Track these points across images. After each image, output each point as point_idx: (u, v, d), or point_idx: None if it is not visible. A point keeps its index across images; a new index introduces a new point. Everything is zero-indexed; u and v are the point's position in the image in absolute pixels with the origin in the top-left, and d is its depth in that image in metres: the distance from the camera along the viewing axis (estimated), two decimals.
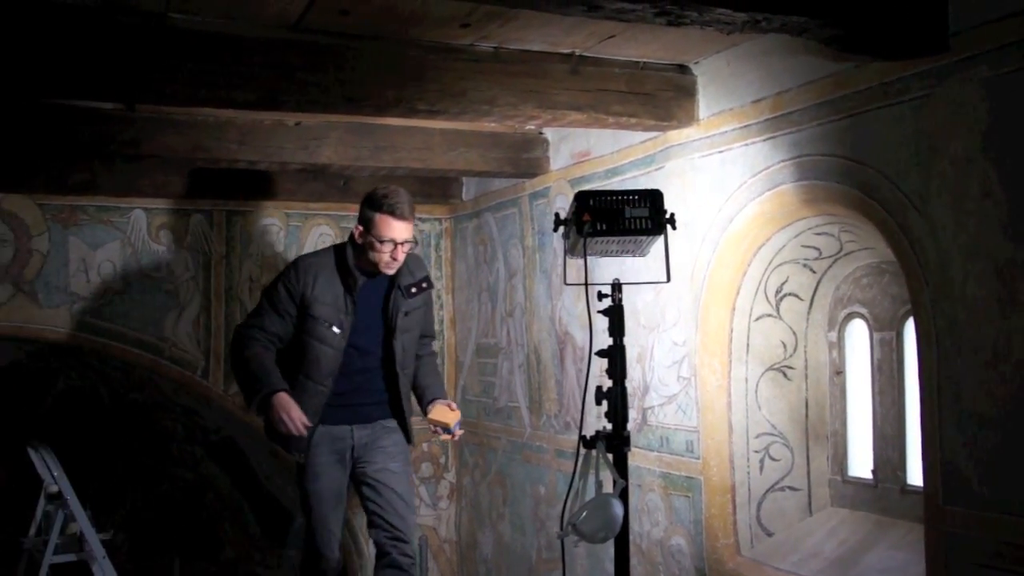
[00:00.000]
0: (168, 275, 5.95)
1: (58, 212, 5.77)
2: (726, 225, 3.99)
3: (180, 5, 3.29)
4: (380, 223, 4.26)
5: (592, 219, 3.21)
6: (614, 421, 3.28)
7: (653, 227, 3.24)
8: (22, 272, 5.71)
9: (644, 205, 3.23)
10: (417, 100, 3.65)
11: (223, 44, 3.40)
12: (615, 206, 3.23)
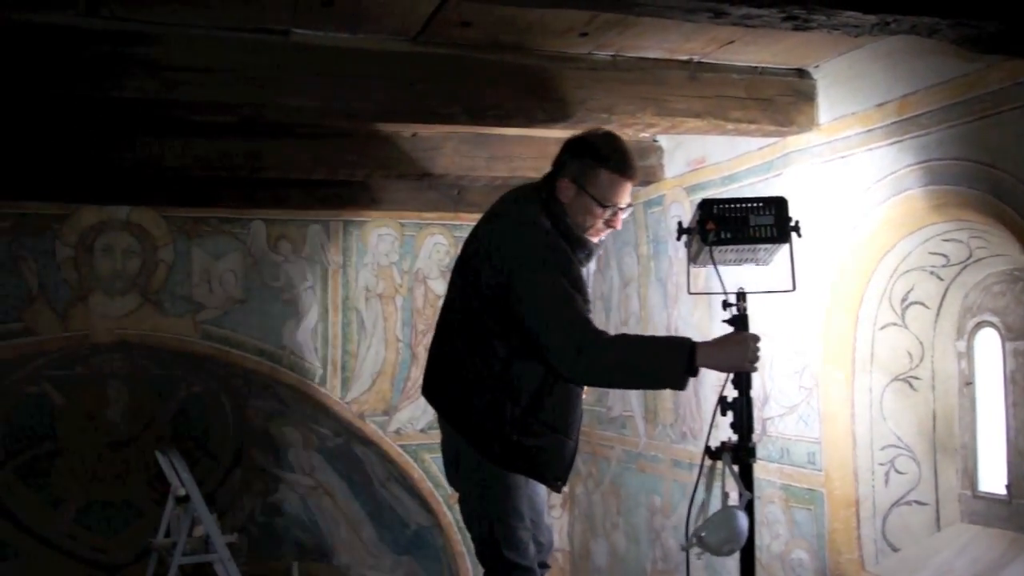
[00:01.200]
0: (287, 285, 6.10)
1: (182, 224, 5.97)
2: (849, 232, 3.91)
3: (304, 21, 3.36)
4: (607, 183, 3.38)
5: (716, 228, 3.10)
6: (739, 432, 3.11)
7: (778, 235, 3.10)
8: (149, 282, 5.92)
9: (769, 213, 3.10)
10: (537, 110, 3.66)
11: (346, 58, 3.46)
12: (739, 214, 3.10)
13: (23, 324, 5.74)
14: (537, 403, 3.35)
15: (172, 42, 3.30)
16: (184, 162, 4.57)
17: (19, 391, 6.82)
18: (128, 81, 3.26)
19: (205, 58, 3.33)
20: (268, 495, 7.60)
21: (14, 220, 5.77)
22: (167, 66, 3.29)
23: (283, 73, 3.39)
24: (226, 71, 3.34)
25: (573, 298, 3.22)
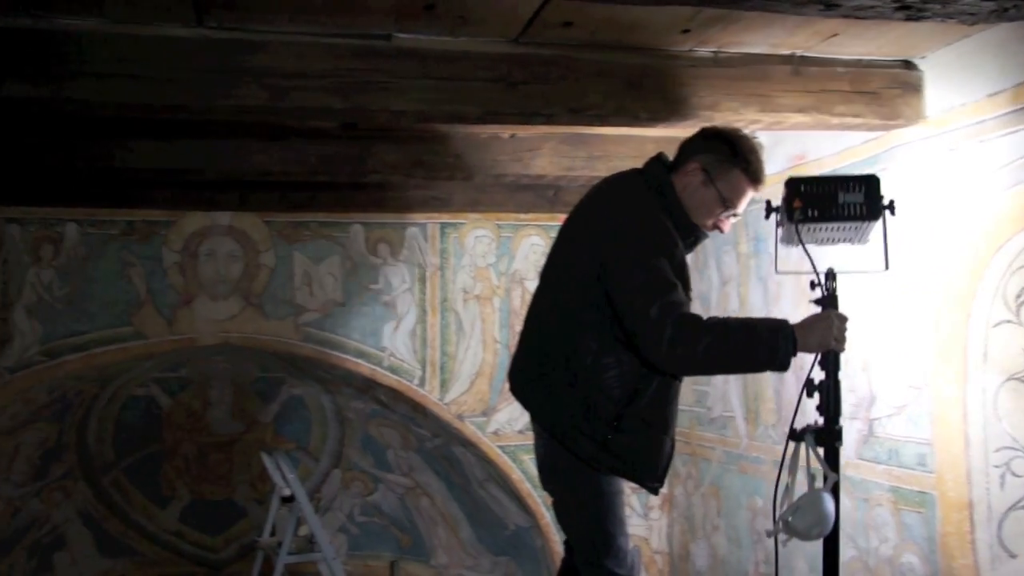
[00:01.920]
0: (385, 287, 6.18)
1: (282, 228, 6.09)
2: (961, 226, 3.80)
3: (406, 25, 3.39)
4: (737, 183, 3.32)
5: (803, 205, 3.04)
6: (826, 414, 3.02)
7: (869, 213, 3.01)
8: (251, 286, 6.05)
9: (859, 190, 3.02)
10: (639, 108, 3.64)
11: (448, 61, 3.47)
12: (828, 191, 3.03)
13: (133, 328, 5.92)
14: (632, 399, 3.17)
15: (279, 50, 3.36)
16: (287, 168, 4.65)
17: (128, 393, 7.01)
18: (238, 90, 3.32)
19: (311, 65, 3.37)
20: (367, 495, 7.69)
21: (123, 227, 5.96)
22: (275, 74, 3.34)
23: (387, 77, 3.42)
24: (331, 77, 3.39)
25: (672, 283, 3.05)
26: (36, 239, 5.90)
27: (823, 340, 2.96)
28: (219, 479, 7.71)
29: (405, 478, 7.43)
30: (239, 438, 7.60)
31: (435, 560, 7.64)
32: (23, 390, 5.98)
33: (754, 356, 3.01)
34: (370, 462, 7.52)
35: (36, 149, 4.61)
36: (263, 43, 3.35)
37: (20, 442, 6.58)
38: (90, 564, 7.51)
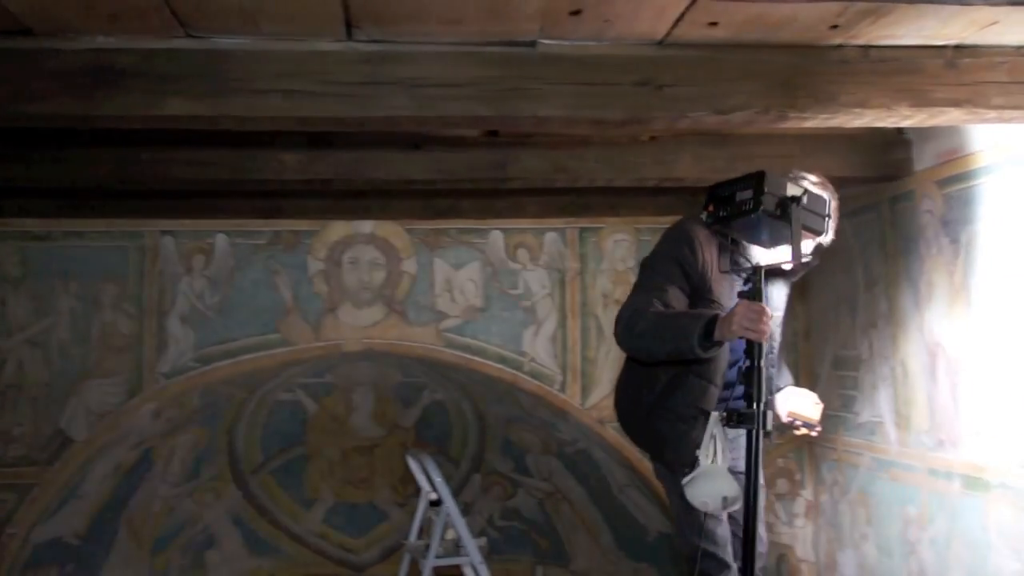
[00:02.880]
0: (525, 292, 6.21)
1: (423, 236, 6.19)
2: None
3: (551, 31, 3.39)
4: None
5: (715, 209, 3.21)
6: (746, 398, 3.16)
7: (754, 206, 3.08)
8: (394, 293, 6.17)
9: (748, 187, 3.12)
10: (787, 108, 3.56)
11: (593, 65, 3.47)
12: (730, 192, 3.17)
13: (280, 335, 6.11)
14: (669, 391, 3.50)
15: (426, 60, 3.41)
16: (430, 176, 4.72)
17: (275, 398, 7.21)
18: (387, 101, 3.38)
19: (458, 74, 3.41)
20: (507, 499, 7.73)
21: (269, 237, 6.15)
22: (423, 84, 3.39)
23: (532, 84, 3.44)
24: (478, 85, 3.42)
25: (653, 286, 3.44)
26: (188, 250, 6.13)
27: (736, 328, 3.12)
28: (361, 482, 7.87)
29: (545, 483, 7.44)
30: (381, 442, 7.74)
31: (574, 565, 7.62)
32: (178, 395, 6.22)
33: (674, 339, 3.28)
34: (510, 466, 7.55)
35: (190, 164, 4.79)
36: (411, 54, 3.40)
37: (175, 445, 6.84)
38: (239, 563, 7.75)
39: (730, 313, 3.17)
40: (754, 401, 3.14)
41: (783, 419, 3.88)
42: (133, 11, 3.20)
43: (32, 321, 6.11)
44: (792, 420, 3.86)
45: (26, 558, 6.17)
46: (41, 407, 6.08)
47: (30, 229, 6.12)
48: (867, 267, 5.58)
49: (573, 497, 7.38)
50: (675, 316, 3.35)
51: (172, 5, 3.14)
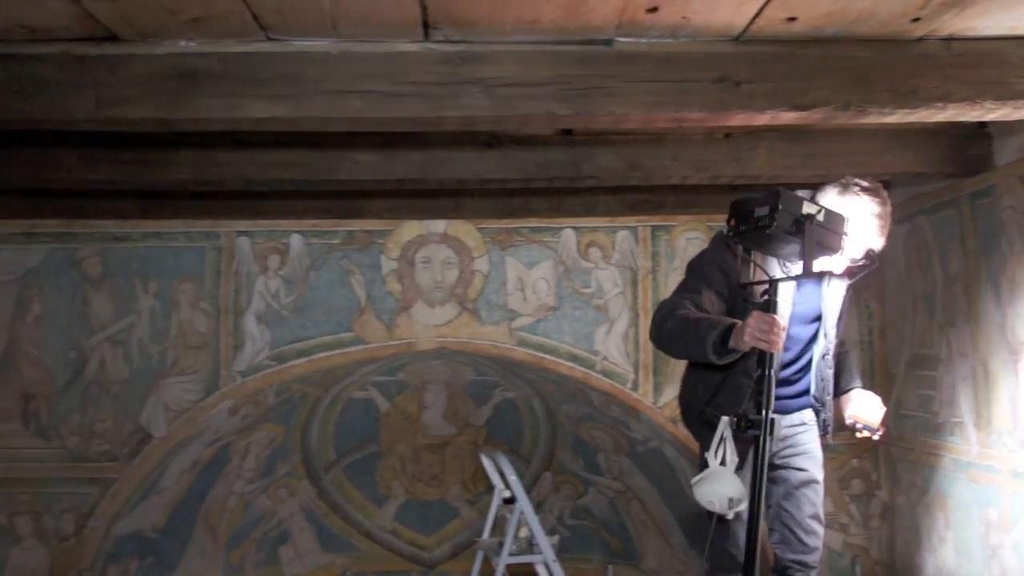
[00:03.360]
0: (597, 291, 6.21)
1: (496, 234, 6.22)
2: None
3: (628, 29, 3.39)
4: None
5: (736, 223, 3.32)
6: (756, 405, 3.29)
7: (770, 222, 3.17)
8: (466, 291, 6.21)
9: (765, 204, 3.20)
10: (867, 103, 3.51)
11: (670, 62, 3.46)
12: (749, 208, 3.27)
13: (354, 334, 6.18)
14: (721, 389, 3.61)
15: (503, 60, 3.42)
16: (504, 175, 4.74)
17: (348, 396, 7.29)
18: (464, 101, 3.40)
19: (535, 73, 3.43)
20: (577, 498, 7.72)
21: (343, 237, 6.22)
22: (500, 83, 3.41)
23: (610, 82, 3.44)
24: (555, 84, 3.43)
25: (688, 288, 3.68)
26: (263, 250, 6.23)
27: (748, 339, 3.24)
28: (433, 479, 7.91)
29: (616, 481, 7.42)
30: (452, 440, 7.78)
31: (645, 565, 7.59)
32: (254, 392, 6.31)
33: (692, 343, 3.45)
34: (581, 465, 7.55)
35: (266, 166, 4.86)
36: (488, 54, 3.42)
37: (250, 441, 6.95)
38: (312, 558, 7.84)
39: (745, 323, 3.27)
40: (762, 408, 3.25)
41: (846, 421, 3.90)
42: (215, 16, 3.27)
43: (113, 320, 6.25)
44: (854, 423, 3.87)
45: (108, 550, 6.32)
46: (122, 404, 6.22)
47: (110, 230, 6.27)
48: (945, 264, 5.48)
49: (644, 496, 7.35)
50: (696, 321, 3.47)
51: (253, 9, 3.20)
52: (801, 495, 3.83)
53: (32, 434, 6.24)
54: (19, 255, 6.29)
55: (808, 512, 3.83)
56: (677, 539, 7.34)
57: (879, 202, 3.57)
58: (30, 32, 3.47)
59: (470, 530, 7.93)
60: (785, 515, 3.83)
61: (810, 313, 3.80)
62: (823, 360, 3.82)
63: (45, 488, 6.21)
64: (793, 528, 3.82)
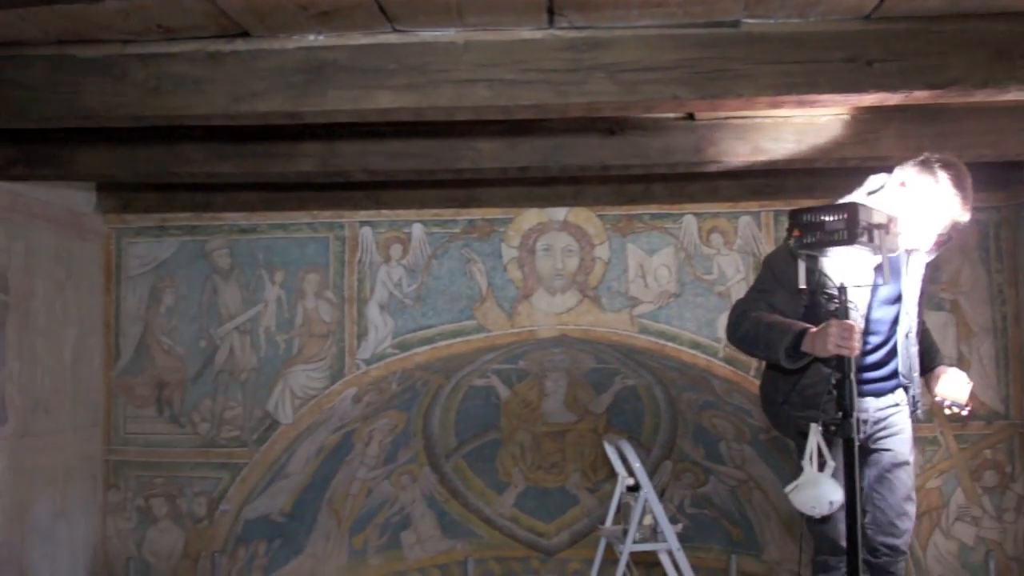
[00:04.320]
0: (720, 277, 6.14)
1: (616, 221, 6.20)
2: None
3: (755, 10, 3.33)
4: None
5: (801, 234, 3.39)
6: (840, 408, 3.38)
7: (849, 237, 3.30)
8: (587, 279, 6.21)
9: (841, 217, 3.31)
10: (1008, 80, 3.39)
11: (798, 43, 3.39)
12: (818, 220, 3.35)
13: (476, 322, 6.24)
14: (800, 379, 3.71)
15: (628, 45, 3.41)
16: (626, 161, 4.71)
17: (470, 384, 7.35)
18: (589, 87, 3.40)
19: (660, 57, 3.40)
20: (698, 487, 7.65)
21: (464, 226, 6.28)
22: (625, 69, 3.40)
23: (737, 64, 3.39)
24: (681, 68, 3.40)
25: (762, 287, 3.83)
26: (386, 240, 6.33)
27: (824, 345, 3.38)
28: (552, 467, 7.93)
29: (738, 470, 7.33)
30: (572, 428, 7.79)
31: (767, 555, 7.48)
32: (377, 380, 6.42)
33: (765, 348, 3.67)
34: (702, 453, 7.47)
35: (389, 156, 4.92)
36: (613, 39, 3.41)
37: (374, 428, 7.06)
38: (433, 544, 7.94)
39: (821, 331, 3.41)
40: (844, 411, 3.36)
41: (934, 399, 3.95)
42: (343, 9, 3.33)
43: (241, 310, 6.43)
44: (942, 400, 3.88)
45: (238, 532, 6.51)
46: (250, 391, 6.40)
47: (238, 222, 6.44)
48: None
49: (766, 485, 7.24)
50: (769, 326, 3.63)
51: (380, 1, 3.24)
52: (894, 477, 3.84)
53: (166, 420, 6.46)
54: (152, 248, 6.51)
55: (901, 495, 3.84)
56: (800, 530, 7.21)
57: (960, 177, 3.57)
58: (166, 32, 3.59)
59: (589, 518, 7.93)
60: (877, 497, 3.83)
61: (891, 295, 3.82)
62: (907, 339, 3.85)
63: (179, 472, 6.43)
64: (885, 511, 3.82)
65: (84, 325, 6.26)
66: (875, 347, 3.82)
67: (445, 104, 3.52)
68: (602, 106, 3.52)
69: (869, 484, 3.84)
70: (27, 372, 5.60)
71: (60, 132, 4.89)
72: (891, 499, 3.83)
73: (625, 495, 5.34)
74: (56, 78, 3.79)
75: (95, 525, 6.37)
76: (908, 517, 3.86)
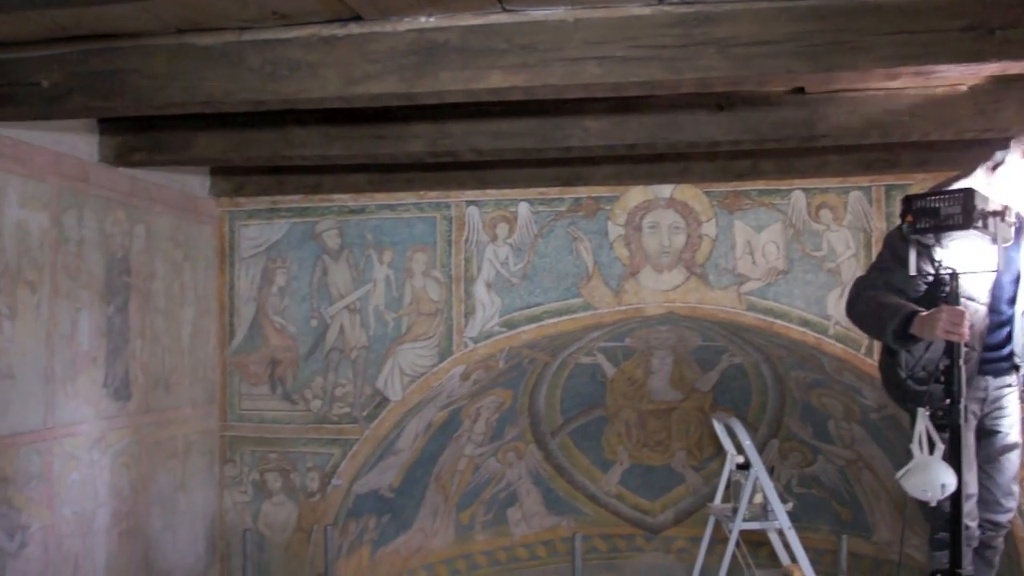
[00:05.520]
0: (829, 254, 6.04)
1: (723, 198, 6.14)
2: None
3: None
4: None
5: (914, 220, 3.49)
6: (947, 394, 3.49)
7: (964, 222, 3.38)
8: (693, 256, 6.16)
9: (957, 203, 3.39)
10: None
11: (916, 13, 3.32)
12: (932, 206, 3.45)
13: (582, 300, 6.25)
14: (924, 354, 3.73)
15: (740, 19, 3.38)
16: (736, 136, 4.66)
17: (576, 361, 7.38)
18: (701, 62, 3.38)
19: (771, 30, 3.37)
20: (805, 466, 7.56)
21: (569, 204, 6.29)
22: (737, 43, 3.37)
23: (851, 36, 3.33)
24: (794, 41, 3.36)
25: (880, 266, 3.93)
26: (492, 219, 6.38)
27: (933, 329, 3.46)
28: (658, 445, 7.92)
29: (847, 450, 7.22)
30: (678, 406, 7.76)
31: (877, 537, 7.36)
32: (485, 358, 6.49)
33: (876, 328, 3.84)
34: (809, 432, 7.38)
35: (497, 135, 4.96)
36: (724, 13, 3.39)
37: (481, 406, 7.15)
38: (539, 520, 8.01)
39: (931, 316, 3.48)
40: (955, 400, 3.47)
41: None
42: None
43: (351, 289, 6.56)
44: None
45: (349, 507, 6.66)
46: (360, 369, 6.53)
47: (346, 204, 6.56)
48: None
49: (876, 465, 7.11)
50: (881, 306, 3.72)
51: None
52: (1004, 459, 3.97)
53: (279, 397, 6.64)
54: (264, 230, 6.68)
55: (1009, 475, 3.98)
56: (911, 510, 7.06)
57: None
58: (281, 18, 3.68)
59: (695, 496, 7.91)
60: (985, 477, 3.93)
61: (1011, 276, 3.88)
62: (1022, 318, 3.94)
63: (292, 448, 6.60)
64: (992, 490, 3.96)
65: (200, 305, 6.47)
66: (995, 326, 3.87)
67: (556, 82, 3.54)
68: (714, 81, 3.49)
69: (979, 464, 3.92)
70: (148, 351, 5.82)
71: (177, 119, 5.06)
72: (999, 479, 3.95)
73: (734, 473, 5.30)
74: (177, 66, 3.93)
75: (212, 498, 6.60)
76: (1014, 497, 4.00)
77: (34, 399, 4.80)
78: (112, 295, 5.45)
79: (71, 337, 5.09)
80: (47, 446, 4.88)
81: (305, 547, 6.54)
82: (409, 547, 7.36)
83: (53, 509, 4.93)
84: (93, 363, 5.28)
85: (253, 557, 6.37)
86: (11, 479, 4.62)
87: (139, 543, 5.69)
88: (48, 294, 4.91)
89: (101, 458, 5.34)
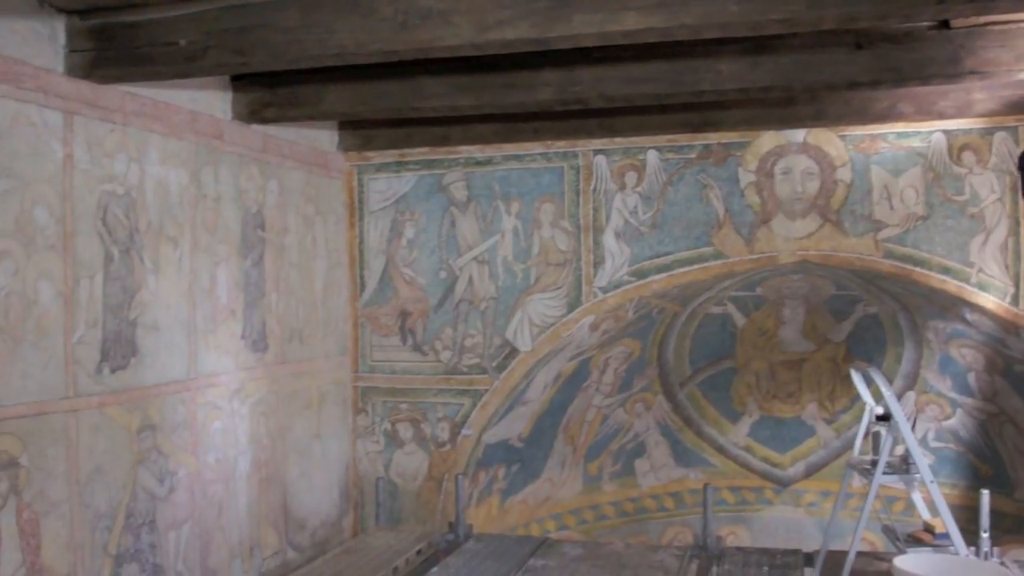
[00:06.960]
0: (972, 198, 5.82)
1: (859, 142, 5.97)
2: None
3: None
4: None
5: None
6: None
7: None
8: (828, 203, 6.02)
9: None
10: None
11: None
12: None
13: (713, 248, 6.17)
14: None
15: None
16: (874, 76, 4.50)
17: (705, 311, 7.31)
18: None
19: None
20: (943, 420, 7.36)
21: (699, 151, 6.20)
22: None
23: None
24: None
25: None
26: (620, 168, 6.33)
27: None
28: (788, 397, 7.82)
29: (988, 403, 6.99)
30: (809, 357, 7.63)
31: (1020, 494, 7.12)
32: (614, 308, 6.47)
33: None
34: (948, 385, 7.17)
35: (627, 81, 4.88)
36: None
37: (609, 356, 7.15)
38: (666, 472, 8.01)
39: None
40: None
41: None
42: None
43: (479, 240, 6.59)
44: None
45: (479, 457, 6.75)
46: (490, 319, 6.58)
47: (473, 155, 6.58)
48: None
49: (1020, 420, 6.87)
50: None
51: None
52: None
53: (410, 348, 6.75)
54: (392, 183, 6.76)
55: None
56: None
57: None
58: None
59: (826, 449, 7.78)
60: None
61: None
62: None
63: (423, 398, 6.71)
64: None
65: (331, 259, 6.59)
66: None
67: (692, 23, 3.46)
68: (858, 15, 3.35)
69: None
70: (283, 303, 5.96)
71: (307, 74, 5.12)
72: None
73: (873, 424, 5.16)
74: (309, 19, 3.97)
75: (346, 447, 6.76)
76: None
77: (178, 350, 4.98)
78: (248, 249, 5.59)
79: (210, 291, 5.25)
80: (191, 396, 5.06)
81: (436, 496, 6.66)
82: (537, 497, 7.44)
83: (198, 456, 5.12)
84: (232, 316, 5.44)
85: (385, 505, 6.53)
86: (159, 427, 4.80)
87: (277, 490, 5.87)
88: (188, 249, 5.06)
89: (241, 407, 5.51)
